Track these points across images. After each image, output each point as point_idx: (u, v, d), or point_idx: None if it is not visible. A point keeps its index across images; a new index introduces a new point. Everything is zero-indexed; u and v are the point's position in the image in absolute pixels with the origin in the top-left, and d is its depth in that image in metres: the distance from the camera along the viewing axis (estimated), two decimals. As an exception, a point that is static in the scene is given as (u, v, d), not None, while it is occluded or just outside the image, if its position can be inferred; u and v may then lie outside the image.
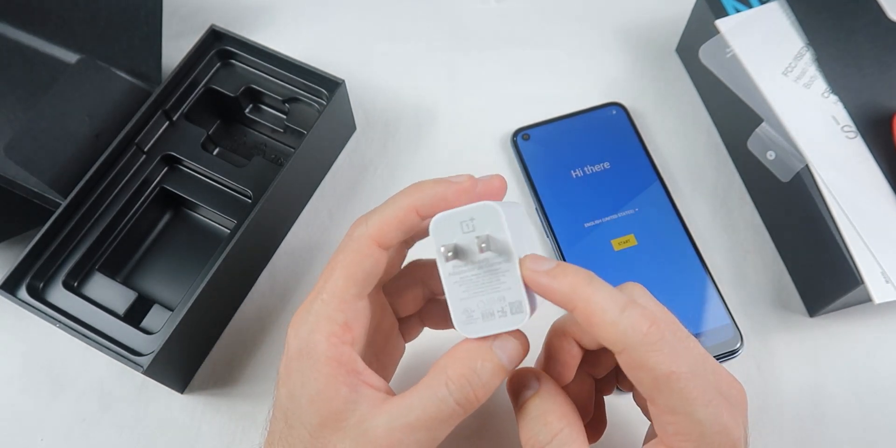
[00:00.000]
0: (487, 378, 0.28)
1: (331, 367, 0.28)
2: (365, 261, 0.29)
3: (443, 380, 0.28)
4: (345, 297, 0.29)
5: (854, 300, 0.41)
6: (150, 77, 0.47)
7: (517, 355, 0.29)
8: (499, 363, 0.28)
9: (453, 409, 0.28)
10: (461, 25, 0.54)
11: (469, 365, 0.28)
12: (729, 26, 0.44)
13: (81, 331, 0.39)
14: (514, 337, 0.29)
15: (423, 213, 0.29)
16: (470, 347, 0.29)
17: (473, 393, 0.28)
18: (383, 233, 0.29)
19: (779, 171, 0.42)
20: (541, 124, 0.49)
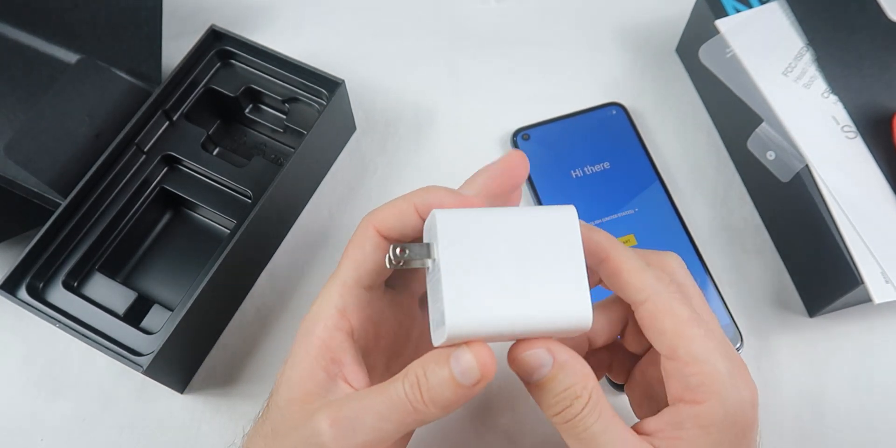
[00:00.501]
0: (437, 383, 0.27)
1: (317, 350, 0.29)
2: (366, 245, 0.30)
3: (401, 376, 0.28)
4: (345, 281, 0.30)
5: (854, 300, 0.41)
6: (150, 77, 0.47)
7: (470, 368, 0.26)
8: (449, 374, 0.27)
9: (403, 405, 0.27)
10: (461, 25, 0.54)
11: (425, 366, 0.27)
12: (729, 26, 0.44)
13: (81, 331, 0.39)
14: (473, 352, 0.27)
15: (421, 211, 0.29)
16: (435, 351, 0.28)
17: (420, 395, 0.27)
18: (383, 220, 0.30)
19: (779, 171, 0.42)
20: (541, 124, 0.49)
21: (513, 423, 0.41)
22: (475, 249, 0.27)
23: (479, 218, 0.28)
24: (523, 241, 0.28)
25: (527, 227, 0.28)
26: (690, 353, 0.28)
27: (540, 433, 0.41)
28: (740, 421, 0.28)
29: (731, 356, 0.29)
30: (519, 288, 0.27)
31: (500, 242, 0.27)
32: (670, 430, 0.28)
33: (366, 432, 0.27)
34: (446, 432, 0.42)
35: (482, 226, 0.28)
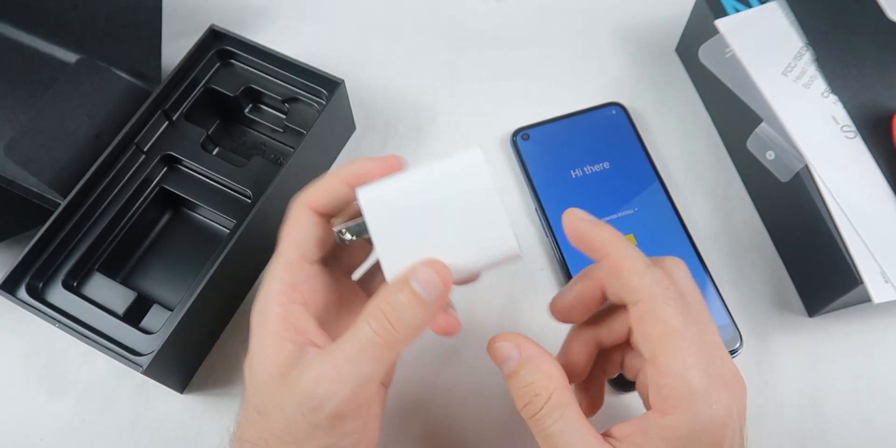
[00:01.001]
0: (402, 307, 0.28)
1: (277, 325, 0.30)
2: (302, 223, 0.31)
3: (363, 316, 0.29)
4: (289, 259, 0.31)
5: (854, 300, 0.41)
6: (150, 77, 0.47)
7: (432, 281, 0.29)
8: (412, 293, 0.28)
9: (373, 341, 0.28)
10: (461, 25, 0.54)
11: (384, 297, 0.29)
12: (729, 26, 0.44)
13: (81, 331, 0.39)
14: (429, 266, 0.29)
15: (348, 181, 0.31)
16: (388, 285, 0.29)
17: (390, 323, 0.28)
18: (315, 198, 0.31)
19: (778, 171, 0.42)
20: (541, 124, 0.49)
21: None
22: (399, 214, 0.30)
23: (398, 185, 0.30)
24: (441, 194, 0.30)
25: (442, 180, 0.30)
26: (667, 364, 0.28)
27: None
28: (707, 439, 0.27)
29: (714, 373, 0.28)
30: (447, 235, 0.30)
31: (420, 201, 0.30)
32: (637, 437, 0.28)
33: (350, 381, 0.28)
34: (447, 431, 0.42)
35: (401, 192, 0.30)
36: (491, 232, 0.30)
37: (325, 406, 0.28)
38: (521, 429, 0.42)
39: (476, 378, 0.42)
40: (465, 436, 0.41)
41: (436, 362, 0.43)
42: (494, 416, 0.42)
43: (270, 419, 0.29)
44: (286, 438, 0.29)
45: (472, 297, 0.45)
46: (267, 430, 0.30)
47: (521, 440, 0.41)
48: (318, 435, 0.29)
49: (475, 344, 0.43)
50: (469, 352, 0.43)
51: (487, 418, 0.42)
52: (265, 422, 0.30)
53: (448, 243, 0.30)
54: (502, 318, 0.44)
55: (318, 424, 0.28)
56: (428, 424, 0.42)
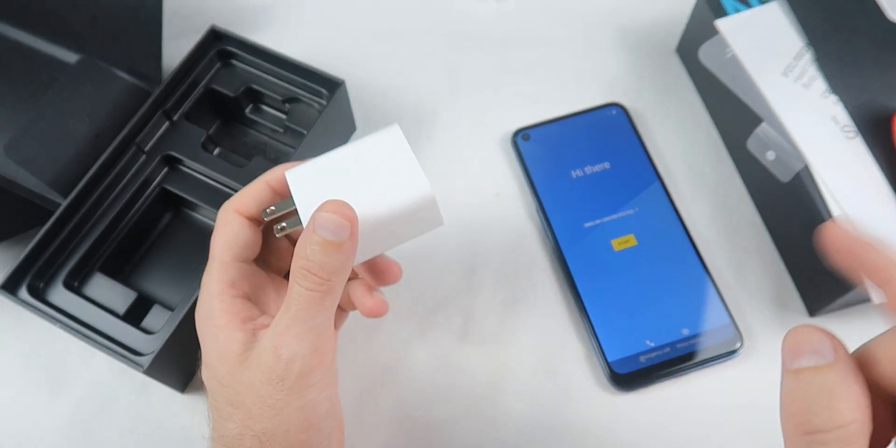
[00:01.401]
0: (319, 257, 0.29)
1: (225, 320, 0.32)
2: (231, 226, 0.33)
3: (292, 279, 0.30)
4: (223, 260, 0.33)
5: (854, 300, 0.41)
6: (150, 77, 0.47)
7: (334, 223, 0.29)
8: (321, 240, 0.29)
9: (309, 295, 0.29)
10: (461, 25, 0.54)
11: (301, 255, 0.30)
12: (729, 26, 0.44)
13: (81, 331, 0.39)
14: (324, 209, 0.30)
15: (273, 186, 0.34)
16: (300, 240, 0.30)
17: (316, 276, 0.29)
18: (241, 202, 0.33)
19: (779, 172, 0.42)
20: (541, 124, 0.49)
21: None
22: (322, 183, 0.32)
23: (322, 161, 0.33)
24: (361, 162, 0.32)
25: (362, 152, 0.32)
26: None
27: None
28: None
29: None
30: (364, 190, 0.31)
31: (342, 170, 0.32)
32: None
33: (306, 336, 0.30)
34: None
35: (325, 166, 0.33)
36: (406, 183, 0.32)
37: (292, 367, 0.29)
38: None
39: (476, 377, 0.43)
40: (459, 436, 0.41)
41: (435, 362, 0.43)
42: (494, 416, 0.42)
43: (245, 405, 0.30)
44: (265, 414, 0.30)
45: (472, 296, 0.45)
46: (246, 417, 0.31)
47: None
48: (293, 398, 0.30)
49: (475, 343, 0.43)
50: (469, 351, 0.43)
51: (485, 420, 0.42)
52: (241, 410, 0.31)
53: (364, 195, 0.31)
54: (502, 318, 0.44)
55: (292, 387, 0.30)
56: (430, 425, 0.42)
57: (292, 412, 0.30)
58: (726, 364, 0.42)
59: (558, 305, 0.44)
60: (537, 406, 0.42)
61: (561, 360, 0.43)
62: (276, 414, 0.30)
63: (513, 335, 0.43)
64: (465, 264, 0.45)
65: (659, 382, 0.42)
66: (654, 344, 0.42)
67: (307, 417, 0.31)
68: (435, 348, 0.43)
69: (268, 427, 0.30)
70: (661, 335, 0.42)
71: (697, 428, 0.41)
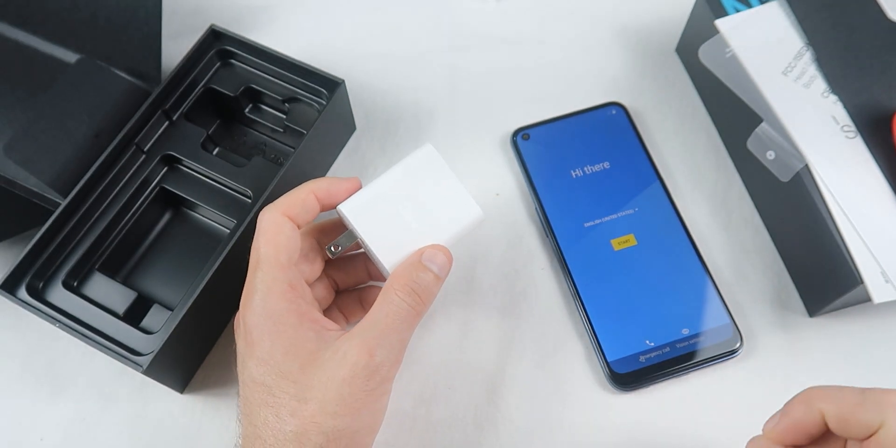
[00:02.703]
0: (426, 284, 0.35)
1: (294, 319, 0.33)
2: (283, 230, 0.35)
3: (392, 293, 0.34)
4: (280, 263, 0.34)
5: (854, 300, 0.41)
6: (150, 77, 0.47)
7: (443, 262, 0.36)
8: (433, 273, 0.35)
9: (408, 311, 0.34)
10: (461, 25, 0.54)
11: (410, 277, 0.34)
12: (729, 26, 0.44)
13: (81, 331, 0.39)
14: (439, 250, 0.36)
15: (318, 195, 0.36)
16: (405, 266, 0.35)
17: (419, 297, 0.34)
18: (290, 207, 0.35)
19: (778, 171, 0.42)
20: (541, 124, 0.49)
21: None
22: (379, 214, 0.36)
23: (370, 192, 0.36)
24: (408, 189, 0.36)
25: (404, 178, 0.36)
26: None
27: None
28: None
29: None
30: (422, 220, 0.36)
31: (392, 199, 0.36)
32: None
33: (398, 346, 0.33)
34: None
35: (375, 196, 0.36)
36: (457, 206, 0.37)
37: (380, 371, 0.32)
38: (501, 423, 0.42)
39: (476, 377, 0.43)
40: (459, 435, 0.41)
41: (435, 361, 0.43)
42: (494, 415, 0.42)
43: (319, 401, 0.32)
44: (342, 411, 0.32)
45: (472, 296, 0.45)
46: (317, 413, 0.32)
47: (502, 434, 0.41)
48: (372, 399, 0.33)
49: (474, 344, 0.43)
50: (469, 351, 0.43)
51: (485, 419, 0.42)
52: (312, 405, 0.32)
53: (426, 226, 0.36)
54: (502, 318, 0.44)
55: (375, 389, 0.32)
56: (430, 424, 0.42)
57: (367, 414, 0.33)
58: (726, 364, 0.42)
59: (558, 305, 0.44)
60: (537, 406, 0.42)
61: (561, 360, 0.43)
62: (353, 412, 0.32)
63: (513, 335, 0.43)
64: (465, 264, 0.45)
65: (659, 382, 0.42)
66: (654, 344, 0.42)
67: (375, 421, 0.34)
68: (435, 348, 0.43)
69: (339, 425, 0.32)
70: (661, 335, 0.42)
71: (697, 428, 0.41)
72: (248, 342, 0.34)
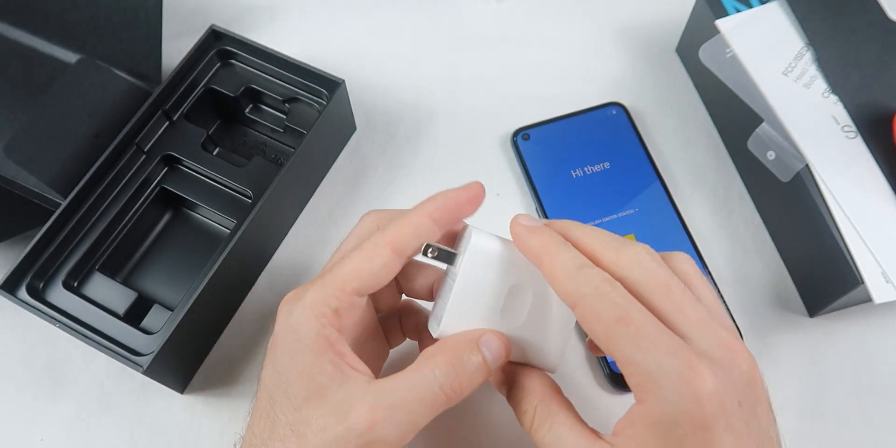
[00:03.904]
0: (472, 370, 0.30)
1: (319, 345, 0.30)
2: (375, 260, 0.31)
3: (430, 365, 0.29)
4: (344, 287, 0.30)
5: (854, 300, 0.41)
6: (150, 77, 0.47)
7: (500, 355, 0.31)
8: (482, 359, 0.30)
9: (437, 394, 0.29)
10: (461, 25, 0.54)
11: (457, 354, 0.30)
12: (729, 26, 0.44)
13: (81, 331, 0.39)
14: (498, 338, 0.31)
15: (436, 217, 0.31)
16: (458, 339, 0.30)
17: (458, 381, 0.29)
18: (399, 236, 0.31)
19: (779, 171, 0.42)
20: (541, 124, 0.49)
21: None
22: (490, 273, 0.31)
23: (504, 248, 0.31)
24: (535, 285, 0.31)
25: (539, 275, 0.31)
26: (621, 355, 0.27)
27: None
28: (688, 420, 0.26)
29: (678, 352, 0.27)
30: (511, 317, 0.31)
31: (513, 274, 0.31)
32: (628, 429, 0.28)
33: (405, 427, 0.29)
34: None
35: (504, 254, 0.31)
36: (550, 342, 0.32)
37: (374, 446, 0.28)
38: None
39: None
40: (470, 434, 0.41)
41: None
42: (494, 415, 0.42)
43: (307, 440, 0.29)
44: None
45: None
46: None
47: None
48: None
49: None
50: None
51: (485, 419, 0.42)
52: (301, 441, 0.29)
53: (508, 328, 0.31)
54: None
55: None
56: (429, 424, 0.42)
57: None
58: (726, 364, 0.42)
59: (558, 305, 0.44)
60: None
61: (561, 360, 0.43)
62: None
63: (513, 335, 0.43)
64: (465, 264, 0.45)
65: (659, 382, 0.42)
66: (655, 344, 0.42)
67: None
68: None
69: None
70: (662, 335, 0.42)
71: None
72: (272, 342, 0.31)
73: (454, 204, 0.32)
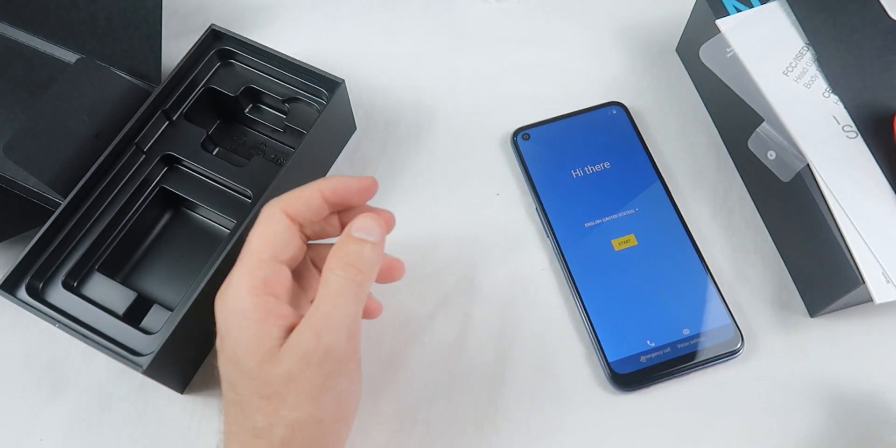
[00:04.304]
0: (358, 251, 0.33)
1: (259, 314, 0.31)
2: (276, 225, 0.33)
3: (328, 273, 0.32)
4: (261, 257, 0.33)
5: (854, 300, 0.41)
6: (150, 77, 0.47)
7: (373, 228, 0.33)
8: (359, 239, 0.33)
9: (347, 285, 0.32)
10: (461, 25, 0.54)
11: (339, 252, 0.33)
12: (729, 26, 0.44)
13: (81, 331, 0.39)
14: (368, 218, 0.34)
15: (326, 194, 0.34)
16: (336, 244, 0.33)
17: (356, 268, 0.32)
18: (291, 204, 0.34)
19: (779, 171, 0.42)
20: (541, 124, 0.49)
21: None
22: None
23: None
24: None
25: None
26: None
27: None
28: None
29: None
30: None
31: None
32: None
33: (344, 322, 0.31)
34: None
35: None
36: None
37: (332, 353, 0.31)
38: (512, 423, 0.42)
39: (476, 377, 0.42)
40: (470, 434, 0.41)
41: (435, 361, 0.43)
42: (494, 416, 0.42)
43: (279, 395, 0.31)
44: (300, 401, 0.31)
45: (472, 297, 0.45)
46: (278, 407, 0.31)
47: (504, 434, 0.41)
48: (331, 383, 0.31)
49: (474, 344, 0.43)
50: (469, 351, 0.43)
51: (485, 419, 0.42)
52: (273, 400, 0.31)
53: None
54: (502, 318, 0.44)
55: (331, 372, 0.31)
56: (430, 425, 0.42)
57: (328, 400, 0.32)
58: (727, 364, 0.42)
59: (558, 305, 0.44)
60: (537, 406, 0.42)
61: (561, 360, 0.43)
62: (312, 401, 0.31)
63: (513, 335, 0.43)
64: (465, 264, 0.45)
65: (659, 383, 0.42)
66: (655, 344, 0.42)
67: (340, 407, 0.33)
68: (435, 348, 0.43)
69: (301, 416, 0.31)
70: (662, 335, 0.42)
71: (697, 428, 0.41)
72: (218, 337, 0.33)
73: (344, 188, 0.34)
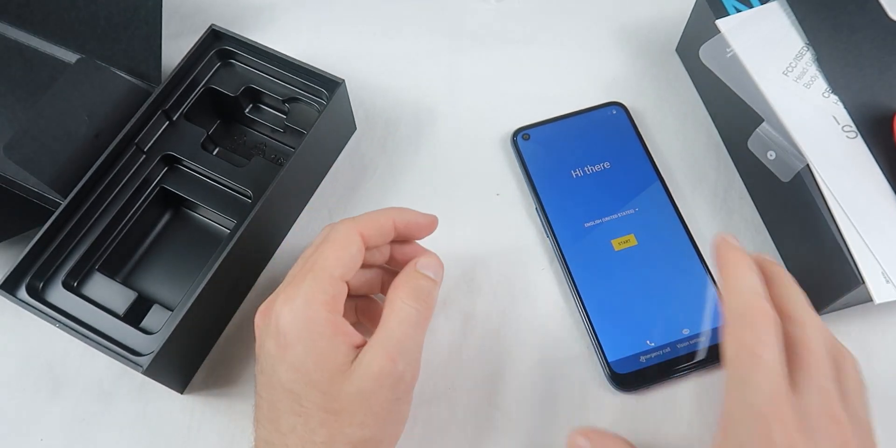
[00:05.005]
0: (427, 288, 0.35)
1: (330, 330, 0.33)
2: (351, 246, 0.35)
3: (398, 302, 0.34)
4: (333, 274, 0.34)
5: (854, 300, 0.41)
6: (150, 77, 0.47)
7: (438, 268, 0.37)
8: (428, 277, 0.36)
9: (417, 317, 0.34)
10: (461, 25, 0.54)
11: (411, 285, 0.35)
12: (729, 26, 0.44)
13: (81, 331, 0.39)
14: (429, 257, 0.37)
15: (398, 225, 0.36)
16: (401, 277, 0.36)
17: (423, 301, 0.35)
18: (367, 228, 0.35)
19: (779, 171, 0.42)
20: (541, 124, 0.49)
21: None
22: None
23: None
24: None
25: None
26: (729, 379, 0.31)
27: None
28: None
29: (776, 401, 0.29)
30: None
31: None
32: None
33: (415, 352, 0.34)
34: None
35: None
36: None
37: (404, 379, 0.33)
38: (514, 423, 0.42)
39: (476, 377, 0.42)
40: (470, 434, 0.41)
41: (435, 361, 0.43)
42: (494, 416, 0.42)
43: (347, 412, 0.32)
44: (369, 422, 0.32)
45: (472, 296, 0.45)
46: (345, 425, 0.32)
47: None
48: (396, 408, 0.33)
49: (475, 343, 0.43)
50: (469, 351, 0.43)
51: (485, 420, 0.42)
52: (341, 417, 0.32)
53: None
54: (502, 318, 0.44)
55: (399, 397, 0.33)
56: (430, 425, 0.42)
57: (391, 423, 0.34)
58: (727, 364, 0.42)
59: (558, 305, 0.44)
60: (537, 406, 0.42)
61: (561, 359, 0.43)
62: (379, 422, 0.33)
63: (513, 335, 0.43)
64: (465, 264, 0.45)
65: (659, 383, 0.42)
66: (655, 344, 0.42)
67: (398, 430, 0.35)
68: (435, 348, 0.43)
69: (366, 435, 0.32)
70: (662, 335, 0.42)
71: (698, 428, 0.41)
72: (279, 345, 0.33)
73: (414, 222, 0.37)
